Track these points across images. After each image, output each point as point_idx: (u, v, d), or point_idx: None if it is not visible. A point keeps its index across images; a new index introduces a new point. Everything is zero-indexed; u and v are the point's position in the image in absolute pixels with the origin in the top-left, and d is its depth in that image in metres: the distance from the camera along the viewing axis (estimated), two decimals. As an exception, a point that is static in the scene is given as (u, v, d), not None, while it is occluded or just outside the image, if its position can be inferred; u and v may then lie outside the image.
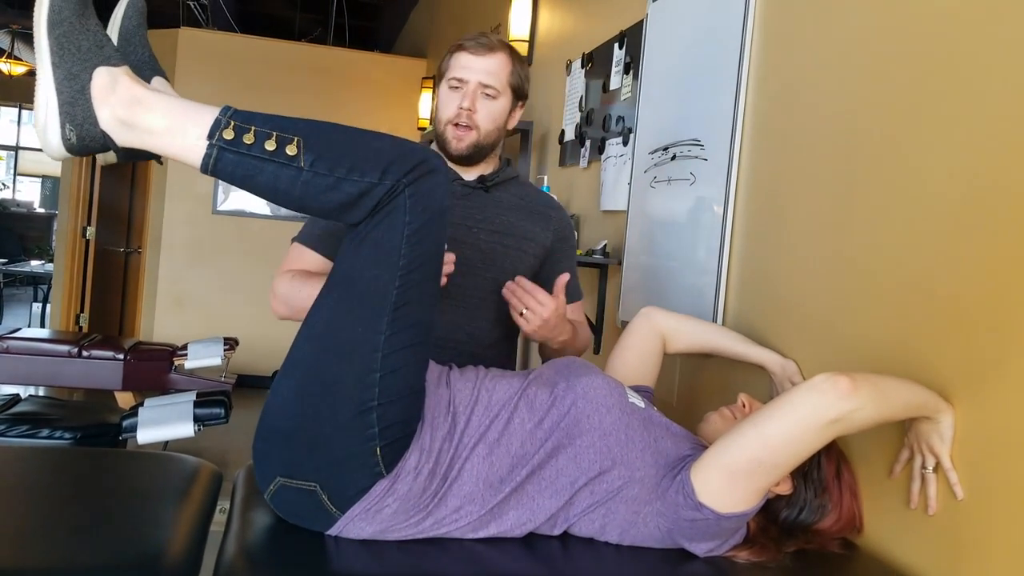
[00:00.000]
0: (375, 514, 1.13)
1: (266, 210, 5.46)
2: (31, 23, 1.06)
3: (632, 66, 2.57)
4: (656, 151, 2.23)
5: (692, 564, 1.19)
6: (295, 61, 5.58)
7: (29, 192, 12.80)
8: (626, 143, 2.53)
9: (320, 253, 1.64)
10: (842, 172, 1.47)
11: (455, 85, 1.65)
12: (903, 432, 1.24)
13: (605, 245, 2.58)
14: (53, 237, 9.25)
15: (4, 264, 8.01)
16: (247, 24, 8.02)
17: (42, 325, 7.09)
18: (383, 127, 1.33)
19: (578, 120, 3.04)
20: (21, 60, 9.08)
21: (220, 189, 5.45)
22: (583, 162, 2.97)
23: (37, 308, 7.82)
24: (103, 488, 1.33)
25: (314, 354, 1.14)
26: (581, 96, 3.03)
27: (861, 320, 1.38)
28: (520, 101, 1.71)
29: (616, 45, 2.72)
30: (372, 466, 1.11)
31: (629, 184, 2.42)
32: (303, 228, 1.69)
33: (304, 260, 1.65)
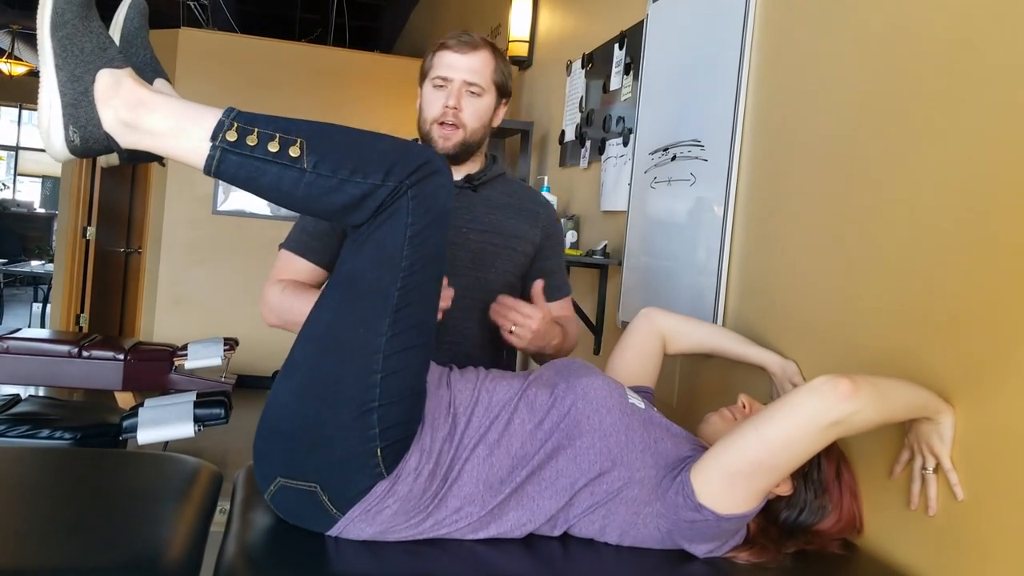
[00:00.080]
0: (375, 515, 1.13)
1: (266, 210, 5.45)
2: (31, 23, 1.06)
3: (632, 66, 2.57)
4: (656, 152, 2.23)
5: (692, 565, 1.19)
6: (295, 61, 5.57)
7: (29, 192, 12.79)
8: (626, 143, 2.53)
9: (310, 260, 1.63)
10: (842, 173, 1.47)
11: (439, 84, 1.64)
12: (903, 433, 1.24)
13: (605, 246, 2.58)
14: (53, 237, 9.24)
15: (4, 264, 7.99)
16: (247, 24, 8.03)
17: (42, 325, 7.09)
18: (383, 127, 1.33)
19: (578, 120, 3.04)
20: (21, 60, 9.07)
21: (220, 189, 5.44)
22: (583, 162, 2.97)
23: (37, 308, 7.81)
24: (103, 488, 1.33)
25: (315, 355, 1.14)
26: (581, 96, 3.04)
27: (861, 320, 1.38)
28: (504, 98, 1.71)
29: (616, 45, 2.72)
30: (373, 467, 1.12)
31: (629, 184, 2.42)
32: (290, 233, 1.68)
33: (293, 268, 1.64)
